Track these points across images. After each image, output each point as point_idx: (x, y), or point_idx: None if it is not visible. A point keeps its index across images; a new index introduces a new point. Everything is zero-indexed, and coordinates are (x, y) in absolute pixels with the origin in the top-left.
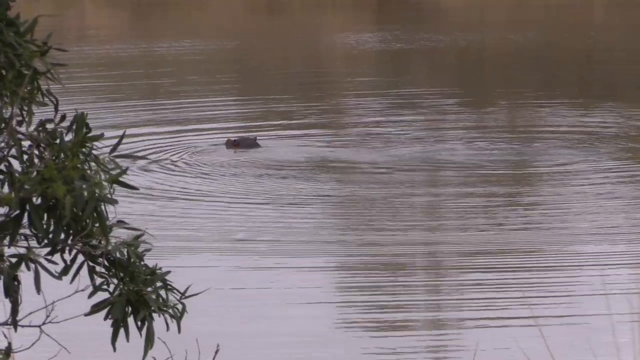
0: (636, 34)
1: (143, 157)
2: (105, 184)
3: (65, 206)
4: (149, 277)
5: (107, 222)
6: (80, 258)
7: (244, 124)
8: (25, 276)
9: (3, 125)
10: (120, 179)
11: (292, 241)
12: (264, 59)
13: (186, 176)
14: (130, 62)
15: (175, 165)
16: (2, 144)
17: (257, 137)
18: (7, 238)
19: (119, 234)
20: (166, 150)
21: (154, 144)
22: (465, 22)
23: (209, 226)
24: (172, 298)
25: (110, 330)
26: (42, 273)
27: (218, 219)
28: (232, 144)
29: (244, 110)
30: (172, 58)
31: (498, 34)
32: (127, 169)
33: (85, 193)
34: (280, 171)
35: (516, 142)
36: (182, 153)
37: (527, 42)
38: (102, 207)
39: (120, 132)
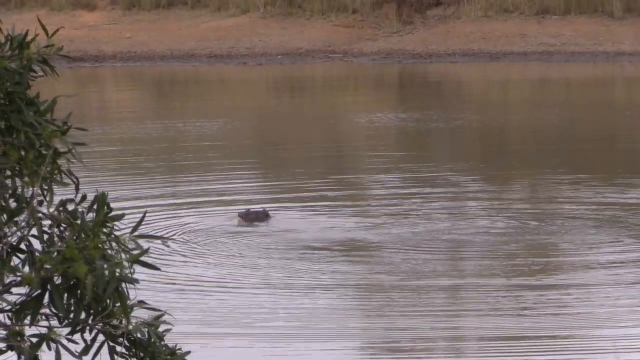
0: None
1: (163, 238)
2: (126, 263)
3: (87, 286)
4: (169, 357)
5: (128, 302)
6: (101, 338)
7: (260, 198)
8: (46, 356)
9: (24, 204)
10: (141, 259)
11: (309, 326)
12: (285, 136)
13: (202, 256)
14: (150, 139)
15: (191, 244)
16: (23, 224)
17: (268, 210)
18: (28, 317)
19: (139, 314)
20: (183, 226)
21: (173, 221)
22: (486, 99)
23: (227, 308)
24: None
25: None
26: (63, 352)
27: (236, 301)
28: (239, 216)
29: (263, 186)
30: (192, 136)
31: (520, 111)
32: (148, 249)
33: (107, 273)
34: (295, 250)
35: (540, 220)
36: (197, 230)
37: (549, 119)
38: (123, 286)
39: (139, 209)
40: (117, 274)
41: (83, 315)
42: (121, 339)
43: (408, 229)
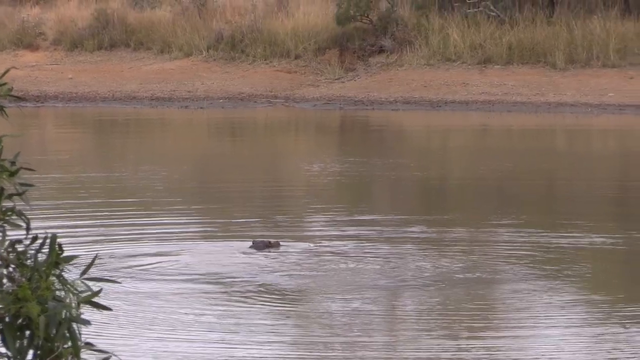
0: (593, 160)
1: (112, 281)
2: (77, 304)
3: (39, 326)
4: None
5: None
6: None
7: (196, 233)
8: None
9: None
10: (93, 300)
11: None
12: (224, 179)
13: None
14: (89, 185)
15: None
16: None
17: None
18: None
19: (86, 357)
20: (125, 272)
21: (115, 263)
22: (427, 147)
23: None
24: None
25: None
26: None
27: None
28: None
29: (201, 224)
30: (132, 181)
31: (460, 158)
32: (100, 290)
33: (59, 313)
34: (231, 294)
35: (478, 266)
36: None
37: (489, 167)
38: (74, 327)
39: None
40: (68, 315)
41: (31, 356)
42: None
43: (345, 274)
